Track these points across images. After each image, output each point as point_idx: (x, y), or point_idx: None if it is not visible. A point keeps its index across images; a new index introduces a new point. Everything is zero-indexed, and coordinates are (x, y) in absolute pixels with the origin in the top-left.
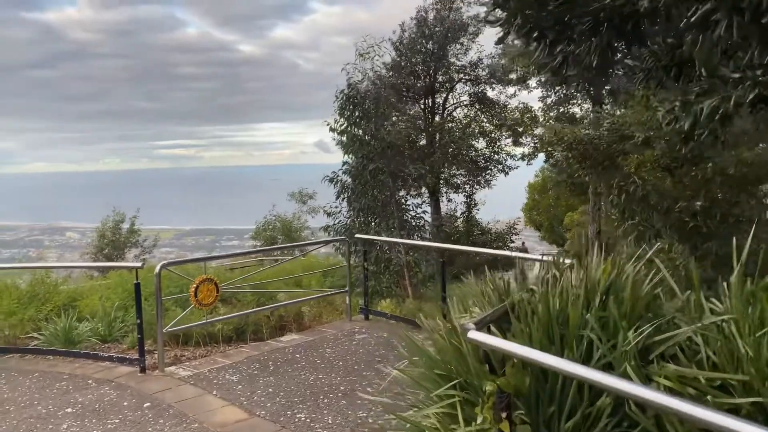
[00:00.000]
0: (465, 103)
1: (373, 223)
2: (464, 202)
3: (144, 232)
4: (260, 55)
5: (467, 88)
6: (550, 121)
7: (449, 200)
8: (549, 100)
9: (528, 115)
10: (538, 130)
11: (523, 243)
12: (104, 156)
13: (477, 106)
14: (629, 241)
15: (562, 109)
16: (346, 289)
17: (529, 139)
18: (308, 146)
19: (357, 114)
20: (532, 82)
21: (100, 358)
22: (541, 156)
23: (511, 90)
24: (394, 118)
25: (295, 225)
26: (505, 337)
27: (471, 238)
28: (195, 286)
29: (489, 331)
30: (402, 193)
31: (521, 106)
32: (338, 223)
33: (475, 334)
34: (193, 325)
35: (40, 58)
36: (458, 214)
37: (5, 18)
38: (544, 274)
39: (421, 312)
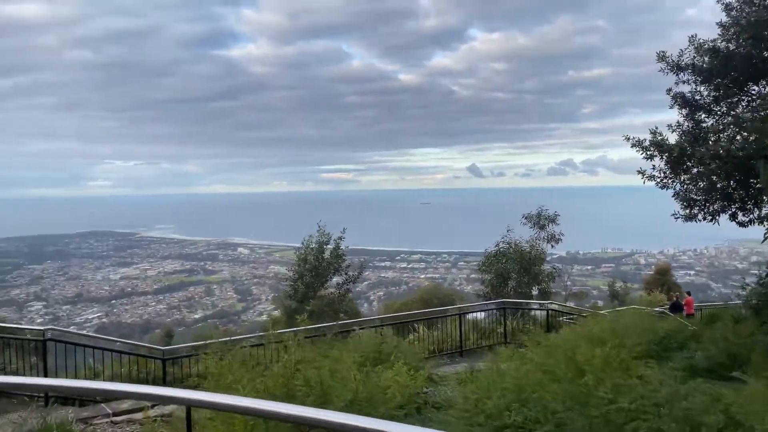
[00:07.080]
0: None
1: None
2: None
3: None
4: (418, 83)
5: None
6: None
7: None
8: None
9: None
10: None
11: None
12: (274, 179)
13: None
14: None
15: None
16: None
17: None
18: (460, 171)
19: None
20: None
21: None
22: None
23: None
24: None
25: (532, 255)
26: None
27: None
28: None
29: None
30: None
31: None
32: None
33: None
34: None
35: (222, 91)
36: None
37: (196, 56)
38: None
39: None
